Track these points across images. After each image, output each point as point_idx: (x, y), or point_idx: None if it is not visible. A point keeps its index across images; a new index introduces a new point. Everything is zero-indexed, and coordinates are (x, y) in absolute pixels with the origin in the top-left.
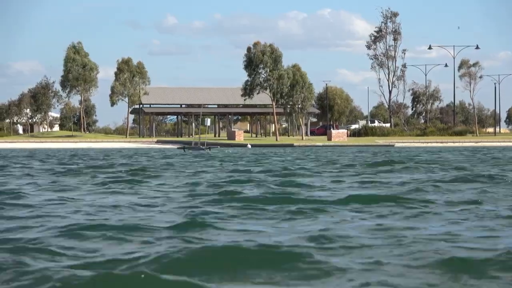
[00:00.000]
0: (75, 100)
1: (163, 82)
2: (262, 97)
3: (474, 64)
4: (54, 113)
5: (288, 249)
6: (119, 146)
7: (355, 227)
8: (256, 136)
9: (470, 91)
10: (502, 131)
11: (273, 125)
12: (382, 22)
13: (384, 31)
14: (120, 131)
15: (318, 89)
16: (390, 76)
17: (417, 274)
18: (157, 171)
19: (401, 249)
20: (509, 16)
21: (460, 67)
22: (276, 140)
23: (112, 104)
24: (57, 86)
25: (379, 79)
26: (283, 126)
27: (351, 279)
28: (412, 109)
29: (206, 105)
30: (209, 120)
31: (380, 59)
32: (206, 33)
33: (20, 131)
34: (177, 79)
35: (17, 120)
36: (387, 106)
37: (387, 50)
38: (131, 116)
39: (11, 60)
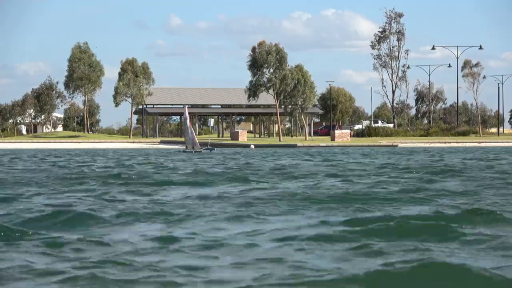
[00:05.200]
0: (78, 101)
1: (168, 82)
2: (266, 98)
3: (476, 65)
4: (58, 114)
5: None
6: (122, 147)
7: None
8: (260, 137)
9: (474, 92)
10: (505, 131)
11: (277, 125)
12: (386, 23)
13: (388, 31)
14: (124, 132)
15: (322, 89)
16: (393, 76)
17: None
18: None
19: None
20: None
21: (463, 68)
22: (280, 140)
23: (116, 104)
24: (61, 86)
25: (382, 79)
26: (287, 126)
27: None
28: (415, 110)
29: (209, 106)
30: (212, 120)
31: (383, 60)
32: (211, 34)
33: (24, 132)
34: (182, 80)
35: (20, 121)
36: (390, 106)
37: (390, 50)
38: (135, 117)
39: (16, 61)
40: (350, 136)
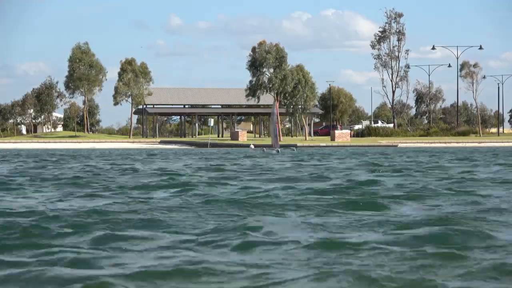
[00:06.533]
0: (78, 100)
1: (168, 83)
2: (266, 98)
3: (474, 65)
4: (57, 113)
5: None
6: (123, 147)
7: None
8: (260, 136)
9: (473, 92)
10: (505, 131)
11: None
12: (386, 23)
13: (388, 31)
14: (123, 132)
15: (323, 89)
16: (393, 76)
17: None
18: None
19: None
20: None
21: (461, 68)
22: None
23: (116, 103)
24: (61, 86)
25: (383, 79)
26: (287, 126)
27: None
28: (415, 110)
29: (209, 106)
30: (212, 120)
31: (384, 60)
32: (211, 34)
33: (24, 132)
34: (182, 80)
35: (20, 121)
36: (390, 106)
37: (390, 50)
38: (135, 117)
39: (16, 61)
40: (350, 136)
